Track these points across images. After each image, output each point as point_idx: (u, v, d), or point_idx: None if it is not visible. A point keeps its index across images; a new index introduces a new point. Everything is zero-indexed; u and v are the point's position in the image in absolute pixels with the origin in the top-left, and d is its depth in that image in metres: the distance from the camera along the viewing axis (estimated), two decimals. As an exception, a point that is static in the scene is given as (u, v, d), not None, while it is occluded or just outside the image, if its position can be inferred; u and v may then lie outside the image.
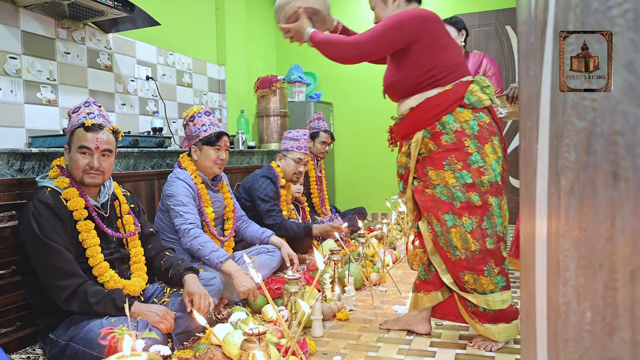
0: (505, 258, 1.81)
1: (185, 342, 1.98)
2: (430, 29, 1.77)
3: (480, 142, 1.74)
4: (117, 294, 1.72)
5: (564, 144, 0.53)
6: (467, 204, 1.75)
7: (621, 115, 0.44)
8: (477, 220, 1.75)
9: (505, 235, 1.81)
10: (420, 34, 1.75)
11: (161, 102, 3.69)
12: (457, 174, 1.75)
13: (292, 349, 1.60)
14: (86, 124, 1.80)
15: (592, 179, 0.48)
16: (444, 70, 1.77)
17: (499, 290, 1.78)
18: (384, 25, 1.77)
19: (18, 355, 1.87)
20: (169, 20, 3.74)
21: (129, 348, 1.07)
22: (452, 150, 1.75)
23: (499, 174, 1.77)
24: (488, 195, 1.75)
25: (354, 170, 5.44)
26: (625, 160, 0.44)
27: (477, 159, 1.74)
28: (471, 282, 1.80)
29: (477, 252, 1.76)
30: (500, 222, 1.78)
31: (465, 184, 1.74)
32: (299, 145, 3.29)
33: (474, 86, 1.77)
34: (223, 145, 2.51)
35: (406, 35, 1.75)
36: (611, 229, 0.45)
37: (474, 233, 1.75)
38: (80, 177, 1.82)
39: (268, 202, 3.07)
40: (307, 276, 2.64)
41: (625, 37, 0.44)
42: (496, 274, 1.78)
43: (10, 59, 2.58)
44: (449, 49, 1.80)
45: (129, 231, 1.97)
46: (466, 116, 1.74)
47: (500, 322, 1.80)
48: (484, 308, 1.80)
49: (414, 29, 1.75)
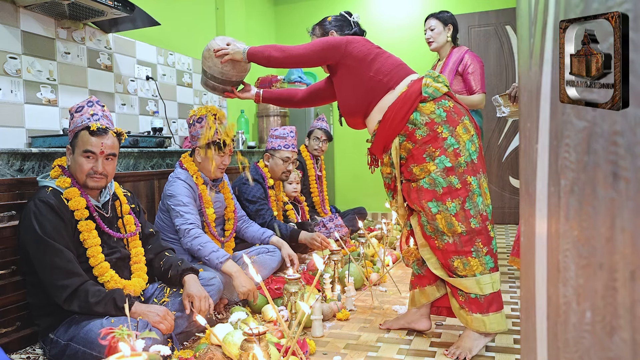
0: (492, 238, 1.83)
1: (185, 342, 1.98)
2: (357, 44, 1.92)
3: (452, 125, 1.79)
4: (118, 294, 1.72)
5: (564, 144, 0.53)
6: (448, 188, 1.78)
7: (621, 115, 0.44)
8: (460, 202, 1.78)
9: (489, 214, 1.82)
10: (349, 48, 1.91)
11: (161, 102, 3.69)
12: (437, 160, 1.79)
13: (292, 349, 1.60)
14: (91, 127, 1.80)
15: (592, 179, 0.48)
16: (386, 74, 1.88)
17: (488, 272, 1.81)
18: (315, 41, 1.99)
19: (18, 355, 1.87)
20: (169, 20, 3.74)
21: (129, 349, 1.07)
22: (428, 142, 1.80)
23: (474, 152, 1.80)
24: (466, 175, 1.78)
25: (354, 170, 5.44)
26: (625, 160, 0.43)
27: (452, 142, 1.78)
28: (461, 268, 1.81)
29: (464, 233, 1.79)
30: (481, 200, 1.80)
31: (445, 168, 1.78)
32: (286, 144, 3.22)
33: (426, 79, 1.84)
34: (227, 152, 2.51)
35: (336, 47, 1.92)
36: (611, 229, 0.45)
37: (458, 215, 1.78)
38: (84, 181, 1.82)
39: (256, 203, 3.05)
40: (307, 276, 2.64)
41: (625, 37, 0.44)
42: (484, 253, 1.80)
43: (10, 59, 2.58)
44: (381, 57, 1.92)
45: (129, 231, 1.97)
46: (430, 108, 1.80)
47: (491, 311, 1.81)
48: (475, 294, 1.81)
49: (341, 42, 1.93)
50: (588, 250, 0.49)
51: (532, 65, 0.60)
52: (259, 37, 5.27)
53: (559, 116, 0.54)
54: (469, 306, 1.82)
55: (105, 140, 1.82)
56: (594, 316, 0.48)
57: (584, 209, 0.49)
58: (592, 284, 0.48)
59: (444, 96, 1.84)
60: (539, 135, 0.58)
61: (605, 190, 0.46)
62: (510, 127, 4.89)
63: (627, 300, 0.43)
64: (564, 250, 0.53)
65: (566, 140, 0.52)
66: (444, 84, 1.86)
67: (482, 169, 1.84)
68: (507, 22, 4.79)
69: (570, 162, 0.52)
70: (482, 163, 1.85)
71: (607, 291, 0.46)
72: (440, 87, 1.83)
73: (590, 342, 0.49)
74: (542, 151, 0.57)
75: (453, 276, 1.83)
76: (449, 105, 1.82)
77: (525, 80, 0.63)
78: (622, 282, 0.44)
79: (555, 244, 0.55)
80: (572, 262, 0.52)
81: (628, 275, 0.43)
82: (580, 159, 0.50)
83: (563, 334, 0.53)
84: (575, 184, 0.51)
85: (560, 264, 0.54)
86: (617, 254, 0.45)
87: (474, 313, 1.81)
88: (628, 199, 0.43)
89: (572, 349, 0.52)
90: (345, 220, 3.89)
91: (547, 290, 0.57)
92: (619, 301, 0.44)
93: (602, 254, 0.47)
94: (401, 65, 1.93)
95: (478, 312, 1.80)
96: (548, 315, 0.57)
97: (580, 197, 0.50)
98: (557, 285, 0.54)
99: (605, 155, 0.46)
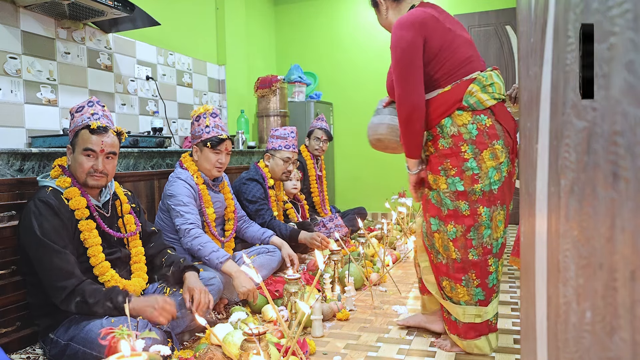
0: (491, 272, 1.72)
1: (185, 342, 1.98)
2: (428, 34, 1.66)
3: (479, 148, 1.64)
4: (115, 294, 1.72)
5: (564, 144, 0.53)
6: (454, 212, 1.68)
7: (621, 115, 0.44)
8: (463, 230, 1.68)
9: (495, 247, 1.72)
10: (425, 37, 1.66)
11: (161, 102, 3.69)
12: (449, 180, 1.68)
13: (292, 349, 1.60)
14: (92, 126, 1.80)
15: (592, 179, 0.48)
16: (445, 72, 1.69)
17: (474, 304, 1.74)
18: (396, 63, 1.67)
19: (18, 355, 1.87)
20: (169, 20, 3.74)
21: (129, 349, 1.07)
22: (448, 155, 1.68)
23: (497, 181, 1.65)
24: (479, 204, 1.66)
25: (354, 170, 5.44)
26: (625, 160, 0.43)
27: (473, 166, 1.65)
28: (447, 289, 1.77)
29: (458, 260, 1.72)
30: (489, 233, 1.68)
31: (456, 192, 1.67)
32: (287, 144, 3.22)
33: (473, 86, 1.66)
34: (224, 150, 2.50)
35: (416, 48, 1.65)
36: (611, 229, 0.45)
37: (456, 242, 1.70)
38: (84, 179, 1.82)
39: (256, 203, 3.05)
40: (307, 276, 2.64)
41: (625, 37, 0.44)
42: (475, 285, 1.72)
43: (10, 59, 2.58)
44: (453, 47, 1.68)
45: (129, 231, 1.97)
46: (465, 119, 1.65)
47: (468, 338, 1.77)
48: (455, 318, 1.78)
49: (416, 40, 1.65)
50: (588, 250, 0.49)
51: (532, 65, 0.61)
52: (259, 37, 5.28)
53: (559, 116, 0.54)
54: (448, 324, 1.83)
55: (105, 138, 1.82)
56: (594, 316, 0.48)
57: (584, 209, 0.49)
58: (592, 284, 0.48)
59: (486, 111, 1.65)
60: (539, 135, 0.58)
61: (605, 190, 0.46)
62: (510, 127, 4.89)
63: (627, 300, 0.43)
64: (564, 250, 0.53)
65: (566, 140, 0.52)
66: (492, 96, 1.66)
67: (502, 200, 1.68)
68: (507, 22, 4.79)
69: (570, 162, 0.52)
70: (505, 193, 1.68)
71: (607, 291, 0.46)
72: (484, 100, 1.65)
73: (590, 342, 0.49)
74: (542, 151, 0.57)
75: (441, 292, 1.82)
76: (485, 124, 1.64)
77: (525, 80, 0.63)
78: (622, 282, 0.44)
79: (555, 244, 0.55)
80: (572, 262, 0.52)
81: (628, 275, 0.43)
82: (580, 159, 0.50)
83: (563, 334, 0.53)
84: (575, 184, 0.51)
85: (560, 264, 0.54)
86: (617, 254, 0.45)
87: (452, 333, 1.81)
88: (628, 199, 0.43)
89: (572, 349, 0.52)
90: (345, 220, 3.89)
91: (547, 290, 0.57)
92: (619, 301, 0.44)
93: (602, 254, 0.47)
94: (465, 62, 1.69)
95: (455, 334, 1.80)
96: (548, 315, 0.57)
97: (580, 197, 0.50)
98: (557, 285, 0.54)
99: (605, 155, 0.46)
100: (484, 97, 1.66)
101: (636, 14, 0.42)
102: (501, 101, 1.71)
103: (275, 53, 5.65)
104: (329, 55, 5.44)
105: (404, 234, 3.70)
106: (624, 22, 0.44)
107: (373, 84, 5.23)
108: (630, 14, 0.43)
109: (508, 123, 1.70)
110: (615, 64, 0.45)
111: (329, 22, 5.43)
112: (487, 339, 1.77)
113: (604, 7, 0.46)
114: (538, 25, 0.58)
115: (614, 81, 0.45)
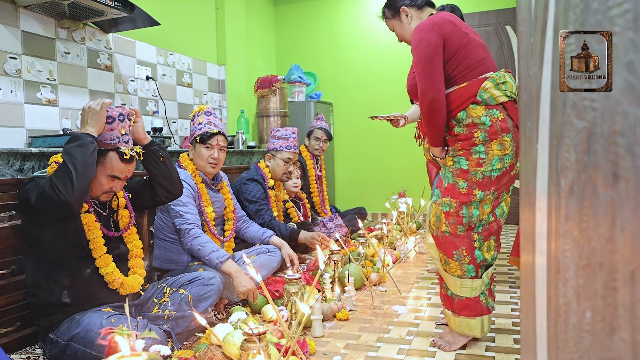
0: (475, 248, 1.81)
1: (185, 342, 1.98)
2: (446, 36, 1.78)
3: (490, 137, 1.75)
4: (74, 138, 1.70)
5: (564, 144, 0.53)
6: (453, 187, 1.80)
7: (621, 115, 0.44)
8: (456, 205, 1.78)
9: (477, 227, 1.80)
10: (444, 38, 1.78)
11: (161, 102, 3.69)
12: (456, 158, 1.80)
13: (292, 349, 1.60)
14: (125, 155, 1.81)
15: (592, 179, 0.48)
16: (461, 70, 1.81)
17: (468, 278, 1.82)
18: (419, 61, 1.78)
19: (18, 355, 1.87)
20: (169, 20, 3.74)
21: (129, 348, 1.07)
22: (461, 139, 1.80)
23: (498, 170, 1.76)
24: (476, 187, 1.77)
25: (354, 170, 5.44)
26: (625, 160, 0.43)
27: (481, 150, 1.76)
28: (443, 262, 1.86)
29: (447, 234, 1.81)
30: (477, 214, 1.79)
31: (459, 169, 1.79)
32: (288, 145, 3.22)
33: (487, 83, 1.78)
34: (215, 144, 2.50)
35: (437, 48, 1.77)
36: (611, 229, 0.45)
37: (448, 215, 1.80)
38: (98, 196, 1.85)
39: (256, 203, 3.05)
40: (307, 276, 2.64)
41: (625, 37, 0.44)
42: (467, 262, 1.80)
43: (10, 59, 2.58)
44: (468, 48, 1.82)
45: (124, 226, 1.97)
46: (479, 112, 1.77)
47: (462, 315, 1.84)
48: (452, 292, 1.85)
49: (437, 40, 1.77)
50: (588, 250, 0.49)
51: (532, 65, 0.60)
52: (259, 37, 5.28)
53: (559, 116, 0.54)
54: (444, 300, 1.90)
55: (131, 167, 1.87)
56: (594, 316, 0.48)
57: (584, 209, 0.49)
58: (592, 284, 0.48)
59: (498, 106, 1.77)
60: (539, 135, 0.58)
61: (605, 190, 0.46)
62: (510, 127, 4.89)
63: (627, 300, 0.43)
64: (564, 250, 0.53)
65: (566, 140, 0.52)
66: (505, 93, 1.78)
67: (497, 187, 1.79)
68: (507, 22, 4.79)
69: (570, 162, 0.52)
70: (501, 182, 1.79)
71: (607, 291, 0.46)
72: (497, 96, 1.76)
73: (590, 342, 0.49)
74: (542, 151, 0.57)
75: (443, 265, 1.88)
76: (497, 117, 1.76)
77: (525, 81, 0.63)
78: (622, 282, 0.44)
79: (555, 244, 0.55)
80: (572, 262, 0.52)
81: (628, 275, 0.43)
82: (580, 159, 0.50)
83: (563, 334, 0.53)
84: (575, 184, 0.51)
85: (560, 264, 0.54)
86: (617, 254, 0.45)
87: (446, 309, 1.89)
88: (628, 199, 0.43)
89: (572, 349, 0.52)
90: (345, 220, 3.90)
91: (547, 290, 0.57)
92: (619, 301, 0.44)
93: (602, 254, 0.47)
94: (480, 63, 1.83)
95: (450, 310, 1.87)
96: (548, 315, 0.57)
97: (580, 197, 0.50)
98: (557, 285, 0.54)
99: (605, 155, 0.46)
100: (497, 94, 1.77)
101: (636, 14, 0.42)
102: (513, 100, 1.81)
103: (275, 53, 5.65)
104: (329, 55, 5.44)
105: (404, 234, 3.70)
106: (624, 22, 0.44)
107: (373, 84, 5.23)
108: (630, 14, 0.43)
109: (516, 120, 1.80)
110: (615, 64, 0.45)
111: (329, 22, 5.43)
112: (481, 320, 1.83)
113: (604, 7, 0.46)
114: (538, 25, 0.58)
115: (614, 81, 0.45)
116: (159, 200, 2.09)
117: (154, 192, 2.06)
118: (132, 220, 2.01)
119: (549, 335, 0.57)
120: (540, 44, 0.58)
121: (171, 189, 2.08)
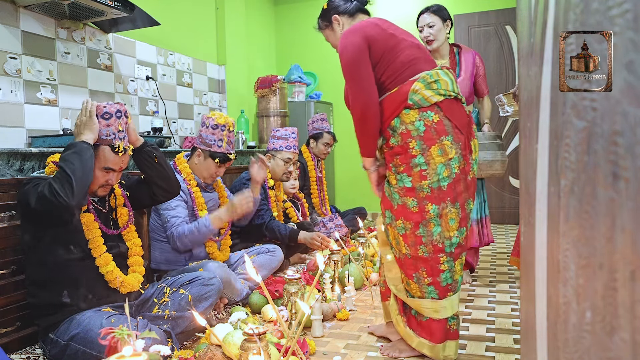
0: (442, 271, 1.68)
1: (185, 342, 1.98)
2: (370, 39, 1.71)
3: (426, 144, 1.63)
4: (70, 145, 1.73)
5: (564, 144, 0.53)
6: (402, 208, 1.68)
7: (621, 115, 0.44)
8: (411, 226, 1.67)
9: (448, 246, 1.67)
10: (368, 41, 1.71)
11: (161, 102, 3.69)
12: (398, 176, 1.69)
13: (292, 349, 1.60)
14: (117, 148, 1.82)
15: (592, 179, 0.48)
16: (389, 75, 1.71)
17: (429, 299, 1.70)
18: (345, 65, 1.72)
19: (18, 355, 1.87)
20: (169, 20, 3.74)
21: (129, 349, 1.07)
22: (398, 153, 1.69)
23: (446, 178, 1.64)
24: (427, 201, 1.64)
25: (354, 170, 5.44)
26: (625, 160, 0.43)
27: (421, 162, 1.64)
28: (405, 283, 1.76)
29: (408, 256, 1.70)
30: (439, 231, 1.65)
31: (404, 188, 1.68)
32: (288, 145, 3.21)
33: (417, 84, 1.65)
34: (226, 165, 2.54)
35: (362, 50, 1.69)
36: (611, 229, 0.45)
37: (406, 237, 1.69)
38: (95, 190, 1.86)
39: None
40: (307, 276, 2.64)
41: (625, 37, 0.44)
42: (427, 284, 1.69)
43: (10, 59, 2.58)
44: (396, 49, 1.71)
45: (123, 224, 1.97)
46: (412, 117, 1.65)
47: (422, 337, 1.72)
48: (415, 312, 1.76)
49: (361, 43, 1.70)
50: (588, 250, 0.49)
51: (532, 65, 0.60)
52: (259, 37, 5.28)
53: (559, 116, 0.54)
54: (407, 318, 1.78)
55: (125, 157, 1.87)
56: (594, 316, 0.48)
57: (584, 209, 0.49)
58: (592, 284, 0.48)
59: (433, 107, 1.65)
60: (539, 135, 0.58)
61: (605, 190, 0.46)
62: (511, 127, 4.89)
63: (627, 300, 0.43)
64: (564, 250, 0.53)
65: (566, 140, 0.52)
66: (437, 92, 1.65)
67: (453, 197, 1.65)
68: (507, 22, 4.79)
69: (570, 162, 0.52)
70: (457, 191, 1.66)
71: (607, 291, 0.46)
72: (429, 96, 1.64)
73: (590, 342, 0.49)
74: (542, 151, 0.57)
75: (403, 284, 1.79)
76: (432, 120, 1.64)
77: (525, 80, 0.63)
78: (622, 282, 0.44)
79: (555, 244, 0.55)
80: (572, 262, 0.52)
81: (628, 275, 0.43)
82: (580, 159, 0.50)
83: (563, 334, 0.53)
84: (575, 184, 0.51)
85: (560, 264, 0.54)
86: (617, 254, 0.45)
87: (408, 327, 1.77)
88: (628, 199, 0.43)
89: (572, 349, 0.52)
90: (345, 220, 3.89)
91: (547, 290, 0.57)
92: (619, 301, 0.44)
93: (602, 254, 0.47)
94: (410, 64, 1.71)
95: (411, 329, 1.76)
96: (548, 315, 0.57)
97: (580, 197, 0.50)
98: (557, 285, 0.54)
99: (605, 155, 0.46)
100: (428, 94, 1.65)
101: (636, 14, 0.42)
102: (451, 98, 1.69)
103: (275, 53, 5.65)
104: (329, 55, 5.44)
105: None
106: (624, 22, 0.44)
107: (373, 84, 5.23)
108: (630, 14, 0.43)
109: (458, 119, 1.69)
110: (615, 64, 0.45)
111: (329, 22, 5.43)
112: (443, 346, 1.71)
113: (604, 7, 0.46)
114: (538, 25, 0.58)
115: (614, 81, 0.45)
116: (157, 199, 2.10)
117: (152, 191, 2.07)
118: (131, 218, 2.01)
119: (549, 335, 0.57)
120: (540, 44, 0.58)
121: (168, 188, 2.09)
